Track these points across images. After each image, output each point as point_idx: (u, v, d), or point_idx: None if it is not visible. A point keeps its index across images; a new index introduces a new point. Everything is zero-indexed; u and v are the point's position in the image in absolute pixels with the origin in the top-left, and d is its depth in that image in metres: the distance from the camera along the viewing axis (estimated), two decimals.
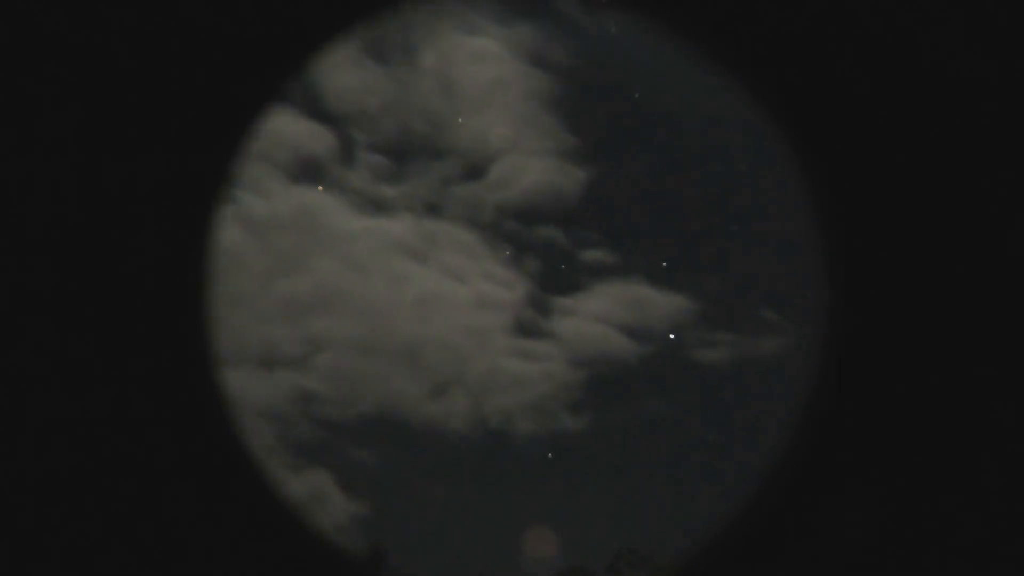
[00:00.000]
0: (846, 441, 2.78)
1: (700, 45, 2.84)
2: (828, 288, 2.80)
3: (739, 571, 2.82)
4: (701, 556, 2.87)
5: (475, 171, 12.40)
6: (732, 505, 2.88)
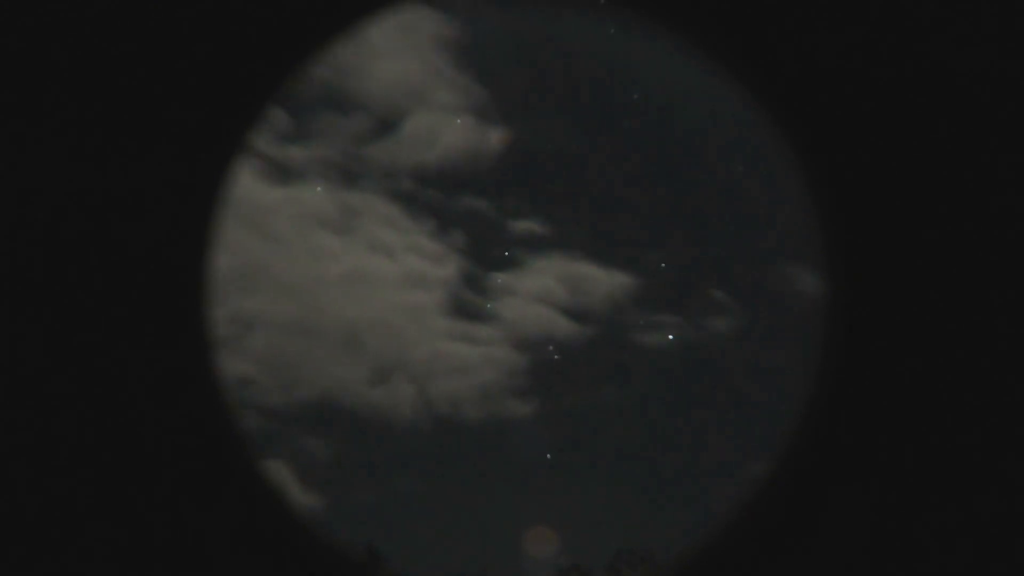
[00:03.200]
0: (846, 441, 2.78)
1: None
2: (828, 285, 2.80)
3: (739, 571, 2.82)
4: (701, 556, 2.87)
5: (385, 128, 11.69)
6: (732, 505, 2.88)
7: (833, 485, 2.77)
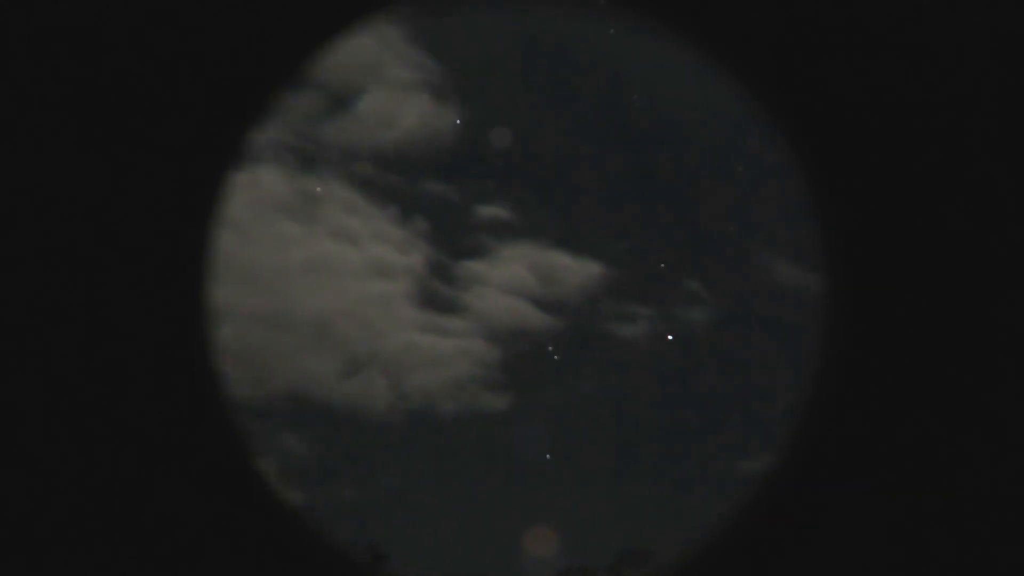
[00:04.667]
0: (846, 440, 2.78)
1: None
2: (828, 284, 2.79)
3: (739, 571, 2.82)
4: (701, 556, 2.87)
5: (340, 106, 11.24)
6: (732, 505, 2.88)
7: (833, 485, 2.77)
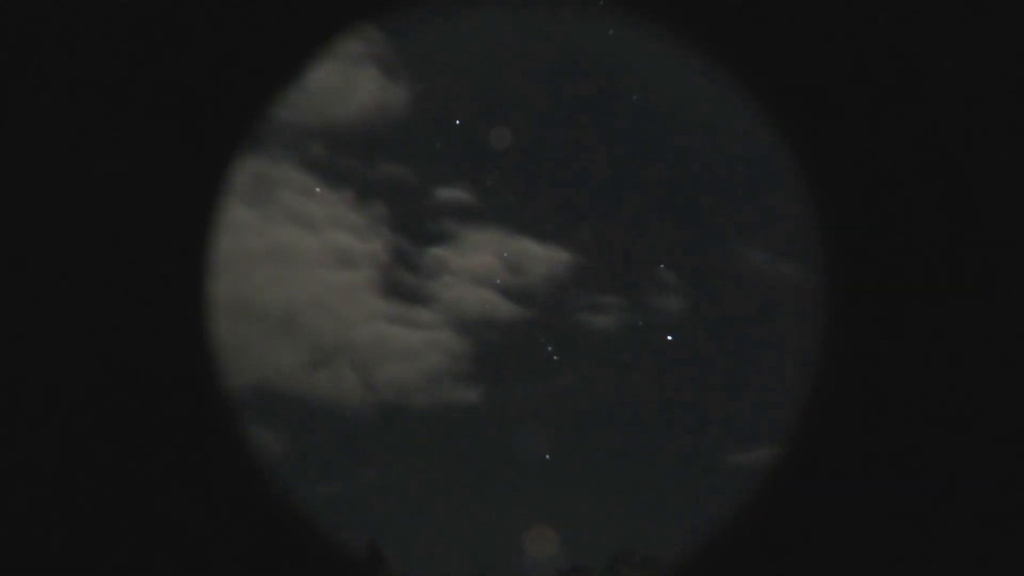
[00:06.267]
0: (845, 441, 2.77)
1: None
2: (827, 284, 2.79)
3: (739, 571, 2.81)
4: (701, 556, 2.87)
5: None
6: (732, 505, 2.88)
7: (833, 484, 2.77)
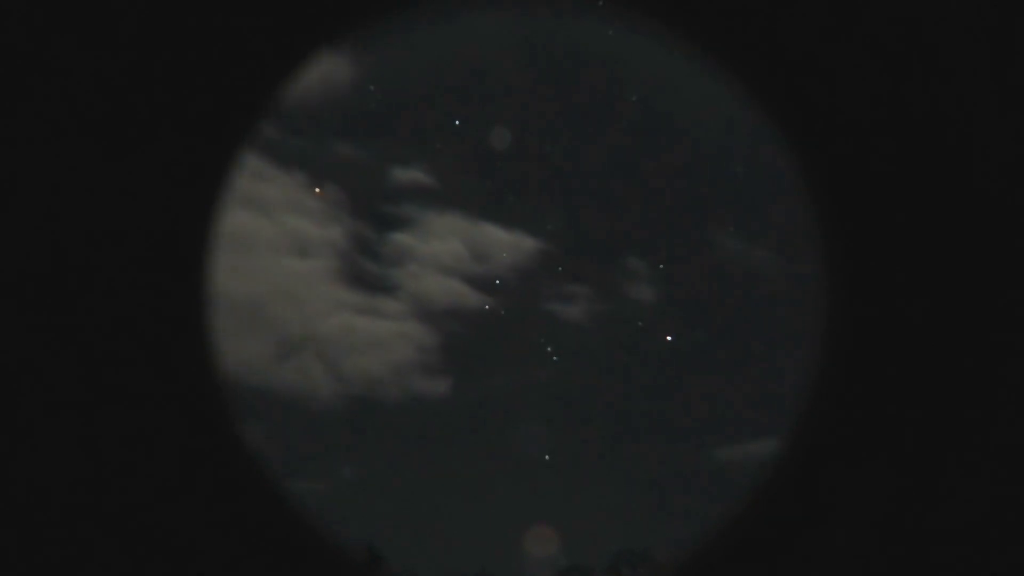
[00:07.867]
0: (846, 440, 2.77)
1: None
2: (828, 284, 2.79)
3: (739, 571, 2.81)
4: (701, 556, 2.87)
5: None
6: (732, 505, 2.88)
7: (833, 484, 2.77)
